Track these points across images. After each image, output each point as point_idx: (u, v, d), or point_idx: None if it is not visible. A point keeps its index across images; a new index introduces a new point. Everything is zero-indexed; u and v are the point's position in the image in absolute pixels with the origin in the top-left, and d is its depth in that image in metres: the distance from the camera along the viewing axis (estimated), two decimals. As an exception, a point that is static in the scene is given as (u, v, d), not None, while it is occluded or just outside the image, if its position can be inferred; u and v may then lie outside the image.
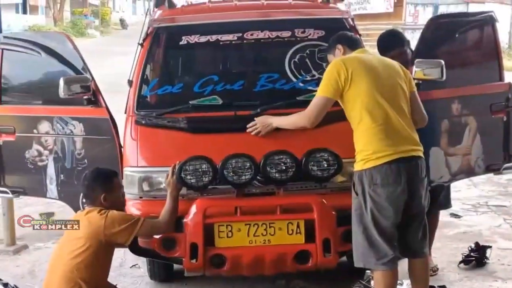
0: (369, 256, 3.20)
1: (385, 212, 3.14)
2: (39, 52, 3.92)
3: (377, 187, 3.12)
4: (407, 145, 3.17)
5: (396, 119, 3.17)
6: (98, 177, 3.31)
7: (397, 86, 3.25)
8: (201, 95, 3.71)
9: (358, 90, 3.17)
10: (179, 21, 3.98)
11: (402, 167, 3.12)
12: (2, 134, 4.06)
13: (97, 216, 3.17)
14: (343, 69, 3.18)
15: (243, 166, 3.36)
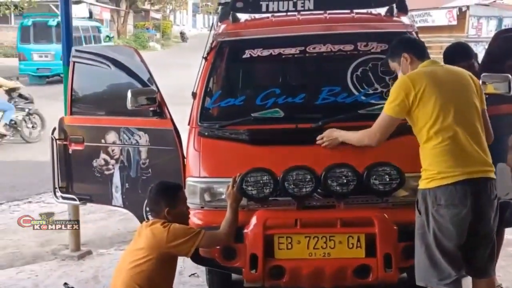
0: (431, 276, 3.13)
1: (448, 233, 3.06)
2: (109, 65, 4.08)
3: (441, 207, 3.04)
4: (475, 166, 3.06)
5: (465, 138, 3.06)
6: (162, 191, 3.35)
7: (470, 103, 3.15)
8: (263, 108, 3.75)
9: (426, 109, 3.08)
10: (243, 35, 4.05)
11: (468, 189, 3.03)
12: (72, 143, 4.22)
13: (160, 228, 3.23)
14: (411, 89, 3.09)
15: (304, 179, 3.37)
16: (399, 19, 4.12)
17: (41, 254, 5.22)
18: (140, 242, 3.26)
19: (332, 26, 3.96)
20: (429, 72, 3.16)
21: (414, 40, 3.45)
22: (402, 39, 3.46)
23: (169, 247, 3.20)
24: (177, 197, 3.37)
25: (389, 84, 3.79)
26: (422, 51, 3.32)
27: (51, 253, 5.20)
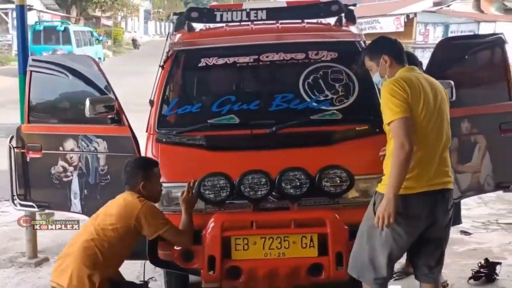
0: (368, 273, 3.21)
1: (400, 240, 3.12)
2: (66, 74, 4.11)
3: (398, 215, 3.02)
4: (437, 178, 3.08)
5: (434, 150, 3.07)
6: (141, 165, 3.45)
7: (444, 115, 3.14)
8: (218, 115, 3.87)
9: (415, 110, 3.01)
10: (198, 44, 4.16)
11: (428, 200, 3.07)
12: (30, 151, 4.22)
13: (135, 201, 3.33)
14: (404, 87, 3.00)
15: (259, 182, 3.50)
16: (347, 29, 4.31)
17: (-2, 262, 5.19)
18: (112, 209, 3.34)
19: (284, 36, 4.11)
20: (415, 78, 3.11)
21: (395, 42, 3.34)
22: (383, 40, 3.40)
23: (137, 221, 3.29)
24: (154, 172, 3.46)
25: (339, 91, 3.98)
26: (402, 56, 3.26)
27: (8, 261, 5.17)
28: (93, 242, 3.28)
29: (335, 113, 3.89)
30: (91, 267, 3.25)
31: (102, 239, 3.29)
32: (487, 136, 4.17)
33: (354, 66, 4.06)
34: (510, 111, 4.23)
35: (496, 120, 4.20)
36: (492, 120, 4.19)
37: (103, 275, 3.28)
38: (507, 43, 4.35)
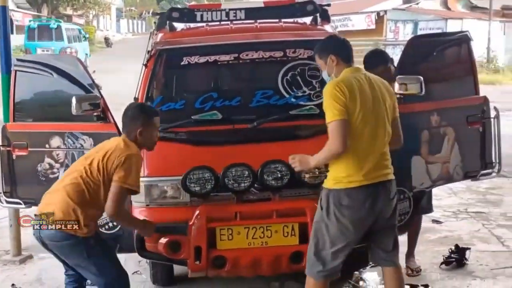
0: (314, 267, 3.34)
1: (346, 232, 3.26)
2: (51, 73, 4.19)
3: (343, 208, 3.21)
4: (377, 171, 3.25)
5: (374, 146, 3.24)
6: (142, 111, 3.43)
7: (383, 113, 3.30)
8: (202, 111, 4.01)
9: (352, 111, 3.18)
10: (180, 44, 4.28)
11: (369, 193, 3.22)
12: (16, 149, 4.27)
13: (127, 145, 3.31)
14: (343, 89, 3.16)
15: (242, 175, 3.68)
16: (322, 28, 4.49)
17: (-18, 261, 5.23)
18: (103, 150, 3.34)
19: (263, 35, 4.26)
20: (356, 80, 3.25)
21: (343, 43, 3.44)
22: (332, 40, 3.52)
23: (118, 163, 3.25)
24: (154, 121, 3.44)
25: (316, 87, 4.16)
26: (349, 55, 3.37)
27: (-8, 259, 5.22)
28: (82, 180, 3.28)
29: (312, 108, 4.04)
30: (77, 203, 3.27)
31: (90, 179, 3.28)
32: (455, 128, 4.36)
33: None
34: (476, 104, 4.45)
35: (463, 113, 4.40)
36: (459, 113, 4.39)
37: (88, 213, 3.30)
38: (473, 40, 4.57)
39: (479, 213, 6.49)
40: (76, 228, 3.28)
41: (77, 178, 3.31)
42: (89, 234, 3.34)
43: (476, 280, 4.58)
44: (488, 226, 5.98)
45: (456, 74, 4.58)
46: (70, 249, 3.36)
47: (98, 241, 3.44)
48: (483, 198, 7.20)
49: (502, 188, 7.65)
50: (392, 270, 3.47)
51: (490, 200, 7.06)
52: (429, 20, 26.51)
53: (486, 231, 5.83)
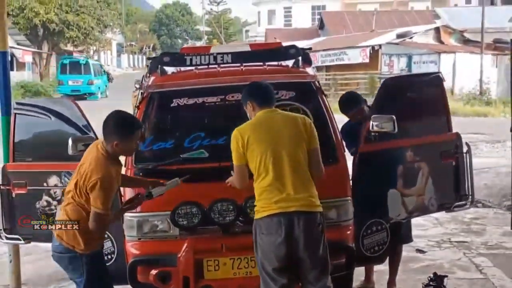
0: None
1: (269, 257, 3.56)
2: (49, 116, 4.47)
3: (263, 235, 3.55)
4: (292, 201, 3.53)
5: (283, 178, 3.55)
6: (120, 125, 3.48)
7: (293, 146, 3.60)
8: (190, 149, 4.27)
9: (252, 154, 3.59)
10: (170, 87, 4.54)
11: (282, 220, 3.50)
12: (15, 188, 4.50)
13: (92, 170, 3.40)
14: (239, 137, 3.62)
15: (227, 209, 3.94)
16: (304, 70, 4.75)
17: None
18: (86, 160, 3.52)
19: (248, 77, 4.54)
20: (254, 123, 3.71)
21: (258, 89, 3.82)
22: (249, 88, 3.87)
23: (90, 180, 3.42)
24: (132, 135, 3.52)
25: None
26: (263, 100, 3.75)
27: (-13, 298, 5.43)
28: (74, 200, 3.51)
29: None
30: (75, 221, 3.51)
31: (79, 199, 3.49)
32: (429, 163, 4.61)
33: (310, 104, 4.53)
34: (448, 140, 4.71)
35: (436, 149, 4.66)
36: (433, 149, 4.65)
37: (88, 231, 3.50)
38: (445, 80, 4.89)
39: (462, 242, 6.70)
40: (74, 245, 3.52)
41: (70, 199, 3.56)
42: (87, 252, 3.55)
43: (452, 306, 4.82)
44: (469, 255, 6.20)
45: (429, 112, 4.82)
46: (69, 262, 3.61)
47: (97, 261, 3.63)
48: (466, 228, 7.43)
49: (485, 218, 7.90)
50: None
51: (473, 230, 7.29)
52: (423, 54, 27.03)
53: (467, 260, 6.05)
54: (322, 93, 4.59)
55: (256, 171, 3.61)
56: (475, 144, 15.33)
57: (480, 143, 15.49)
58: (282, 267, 3.58)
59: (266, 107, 3.74)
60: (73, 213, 3.54)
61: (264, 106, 3.74)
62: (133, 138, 3.55)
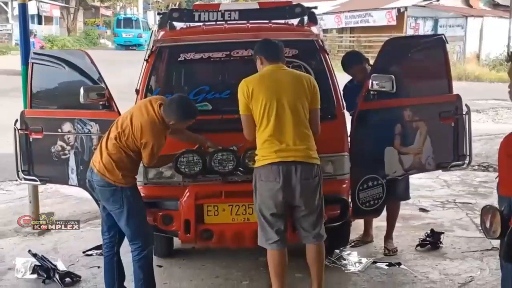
0: (261, 237, 3.91)
1: (267, 203, 3.81)
2: (63, 66, 4.67)
3: (262, 182, 3.79)
4: (289, 151, 3.76)
5: (283, 130, 3.76)
6: (181, 109, 3.87)
7: (296, 101, 3.80)
8: (195, 102, 4.40)
9: (255, 104, 3.78)
10: (177, 42, 4.71)
11: (281, 169, 3.74)
12: (32, 132, 4.77)
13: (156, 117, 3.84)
14: (245, 88, 3.82)
15: (227, 159, 4.15)
16: (309, 29, 4.87)
17: (4, 232, 5.80)
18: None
19: (253, 34, 4.69)
20: (262, 75, 3.90)
21: (268, 45, 4.03)
22: (260, 43, 4.05)
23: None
24: (187, 121, 3.95)
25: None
26: (271, 55, 3.95)
27: (13, 231, 5.77)
28: (118, 141, 3.88)
29: None
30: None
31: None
32: (427, 123, 4.71)
33: (312, 62, 4.67)
34: (448, 101, 4.79)
35: (436, 110, 4.74)
36: (432, 109, 4.74)
37: None
38: (448, 43, 4.94)
39: (466, 203, 6.82)
40: (115, 180, 3.89)
41: (113, 139, 3.91)
42: (126, 186, 3.92)
43: (446, 260, 5.01)
44: (471, 215, 6.33)
45: (430, 73, 4.88)
46: (110, 195, 3.95)
47: (134, 194, 4.00)
48: (473, 190, 7.53)
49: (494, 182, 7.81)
50: (310, 247, 3.95)
51: (480, 193, 7.37)
52: (449, 18, 26.48)
53: (468, 220, 6.19)
54: (325, 52, 4.71)
55: (259, 120, 3.81)
56: (496, 109, 15.31)
57: (501, 109, 15.43)
58: (279, 213, 3.84)
59: (274, 63, 3.93)
60: (114, 149, 3.89)
61: (272, 61, 3.93)
62: (187, 123, 3.98)
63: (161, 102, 3.92)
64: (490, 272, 4.72)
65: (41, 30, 35.19)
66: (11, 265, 4.88)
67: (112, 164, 3.88)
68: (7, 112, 6.99)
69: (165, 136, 3.94)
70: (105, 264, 4.22)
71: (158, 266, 4.73)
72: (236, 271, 4.79)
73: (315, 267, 3.97)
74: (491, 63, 24.58)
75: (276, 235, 3.86)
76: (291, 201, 3.83)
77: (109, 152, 3.90)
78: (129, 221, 3.94)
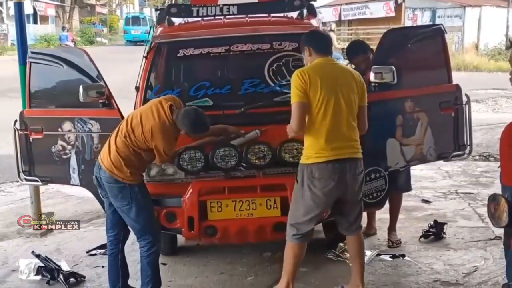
0: (290, 231, 3.88)
1: (318, 201, 3.77)
2: (61, 65, 4.63)
3: (315, 180, 3.72)
4: (345, 149, 3.74)
5: (339, 127, 3.71)
6: (193, 122, 3.85)
7: (348, 97, 3.75)
8: (195, 98, 4.44)
9: (314, 94, 3.67)
10: (176, 37, 4.68)
11: (337, 166, 3.71)
12: (32, 133, 4.72)
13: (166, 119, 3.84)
14: (304, 74, 3.68)
15: (229, 155, 4.12)
16: (308, 21, 4.84)
17: (7, 234, 5.78)
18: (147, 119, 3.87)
19: (252, 28, 4.66)
20: (315, 67, 3.78)
21: (317, 36, 3.94)
22: (309, 34, 3.98)
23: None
24: (198, 133, 4.00)
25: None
26: (321, 47, 3.84)
27: (16, 233, 5.76)
28: (128, 139, 3.89)
29: None
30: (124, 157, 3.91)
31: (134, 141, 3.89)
32: (428, 113, 4.69)
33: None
34: (448, 91, 4.77)
35: (436, 100, 4.72)
36: (432, 99, 4.72)
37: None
38: (446, 33, 4.92)
39: (468, 194, 6.82)
40: (123, 177, 3.89)
41: (122, 136, 3.91)
42: (134, 182, 3.93)
43: (449, 251, 5.01)
44: (474, 205, 6.33)
45: (430, 64, 4.85)
46: (118, 192, 3.93)
47: (142, 190, 3.99)
48: (475, 180, 7.51)
49: (496, 172, 7.80)
50: (353, 238, 4.01)
51: (482, 182, 7.37)
52: (447, 8, 26.43)
53: (470, 210, 6.19)
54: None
55: (315, 114, 3.71)
56: (495, 99, 15.29)
57: (500, 98, 15.42)
58: (324, 210, 3.87)
59: (324, 55, 3.85)
60: (122, 147, 3.89)
61: (322, 54, 3.85)
62: (197, 135, 4.05)
63: (171, 103, 3.91)
64: (493, 262, 4.72)
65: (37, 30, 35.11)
66: (15, 267, 4.86)
67: (121, 162, 3.89)
68: (8, 112, 6.94)
69: (177, 137, 3.96)
70: (109, 262, 4.21)
71: (162, 264, 4.70)
72: (241, 267, 4.79)
73: (358, 258, 4.01)
74: (489, 53, 24.51)
75: (306, 232, 3.88)
76: (341, 197, 3.84)
77: (117, 149, 3.91)
78: (139, 217, 3.95)
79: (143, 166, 4.03)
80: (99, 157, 4.04)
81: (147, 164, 4.05)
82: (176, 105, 3.95)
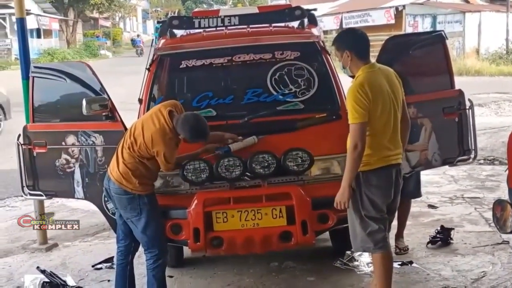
0: (368, 244, 3.73)
1: (377, 206, 3.70)
2: (65, 79, 4.63)
3: (372, 186, 3.67)
4: (397, 154, 3.74)
5: (390, 132, 3.68)
6: (194, 128, 3.87)
7: (399, 102, 3.73)
8: (198, 109, 4.42)
9: (375, 109, 3.57)
10: (178, 49, 4.69)
11: (393, 171, 3.72)
12: (36, 147, 4.72)
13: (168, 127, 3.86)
14: (364, 90, 3.53)
15: (233, 164, 4.10)
16: (309, 31, 4.85)
17: (12, 249, 5.77)
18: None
19: (253, 39, 4.65)
20: (372, 78, 3.62)
21: (360, 40, 3.72)
22: (349, 35, 3.85)
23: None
24: (197, 140, 3.99)
25: (301, 85, 4.56)
26: (364, 52, 3.69)
27: (21, 248, 5.76)
28: (132, 150, 3.90)
29: (298, 104, 4.46)
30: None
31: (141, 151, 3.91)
32: (431, 119, 4.67)
33: (314, 63, 4.65)
34: (451, 96, 4.75)
35: (439, 105, 4.71)
36: (435, 105, 4.70)
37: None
38: (447, 39, 4.92)
39: (474, 198, 6.79)
40: (132, 188, 3.91)
41: (128, 149, 3.94)
42: (144, 193, 3.94)
43: (457, 256, 4.97)
44: (480, 209, 6.30)
45: (432, 70, 4.85)
46: (128, 203, 3.95)
47: (151, 201, 4.00)
48: (481, 184, 7.50)
49: (501, 175, 7.87)
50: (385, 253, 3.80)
51: (487, 186, 7.35)
52: (447, 14, 26.47)
53: (477, 214, 6.16)
54: (326, 53, 4.70)
55: (378, 127, 3.62)
56: (498, 103, 15.29)
57: (503, 102, 15.43)
58: (384, 215, 3.79)
59: (367, 61, 3.69)
60: (129, 158, 3.92)
61: (365, 60, 3.69)
62: (196, 141, 4.05)
63: (171, 108, 3.92)
64: (502, 267, 4.68)
65: (41, 44, 35.32)
66: (20, 283, 4.83)
67: (129, 173, 3.91)
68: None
69: (177, 143, 3.96)
70: (117, 273, 4.20)
71: (169, 276, 4.67)
72: (248, 278, 4.75)
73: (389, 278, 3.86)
74: (490, 57, 24.55)
75: (384, 236, 3.77)
76: (389, 205, 3.81)
77: (124, 161, 3.93)
78: (147, 229, 3.95)
79: (152, 175, 4.03)
80: (108, 168, 4.06)
81: (155, 173, 4.05)
82: (177, 110, 3.96)
